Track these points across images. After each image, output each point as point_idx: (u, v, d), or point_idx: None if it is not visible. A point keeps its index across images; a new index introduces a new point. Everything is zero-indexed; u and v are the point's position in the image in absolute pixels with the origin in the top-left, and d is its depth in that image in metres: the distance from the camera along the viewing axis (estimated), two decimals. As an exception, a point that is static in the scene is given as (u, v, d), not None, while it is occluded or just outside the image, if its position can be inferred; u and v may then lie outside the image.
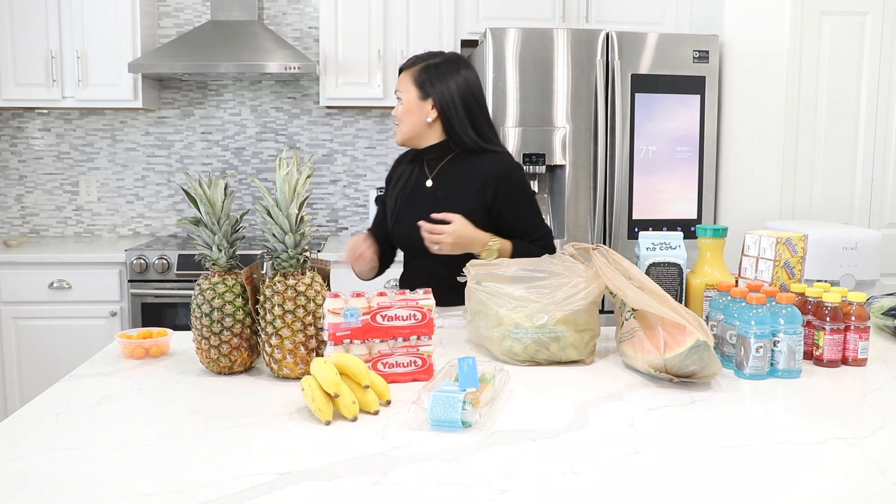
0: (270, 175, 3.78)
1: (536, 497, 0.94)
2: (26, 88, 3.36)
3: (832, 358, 1.52)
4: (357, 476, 1.00)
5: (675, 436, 1.15)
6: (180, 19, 3.71)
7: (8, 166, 3.74)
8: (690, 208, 3.15)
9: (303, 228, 1.43)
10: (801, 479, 1.00)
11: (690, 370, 1.36)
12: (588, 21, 3.43)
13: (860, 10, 3.21)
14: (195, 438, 1.13)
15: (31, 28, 3.34)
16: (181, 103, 3.77)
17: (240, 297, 1.45)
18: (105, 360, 1.56)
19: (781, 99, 3.20)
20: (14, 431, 1.16)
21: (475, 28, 3.41)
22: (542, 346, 1.53)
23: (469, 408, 1.16)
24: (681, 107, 3.10)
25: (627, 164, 3.08)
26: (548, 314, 1.52)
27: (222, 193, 1.46)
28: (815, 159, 3.26)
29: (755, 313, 1.43)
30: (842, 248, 2.60)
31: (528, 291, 1.57)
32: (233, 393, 1.36)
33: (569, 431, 1.16)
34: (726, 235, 1.70)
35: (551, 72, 3.02)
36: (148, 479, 0.99)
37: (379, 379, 1.29)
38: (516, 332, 1.53)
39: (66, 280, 3.17)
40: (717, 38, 3.12)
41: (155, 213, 3.82)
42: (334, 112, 3.80)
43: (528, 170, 3.04)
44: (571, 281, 1.56)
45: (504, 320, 1.54)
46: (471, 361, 1.30)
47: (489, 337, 1.57)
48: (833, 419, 1.23)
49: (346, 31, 3.42)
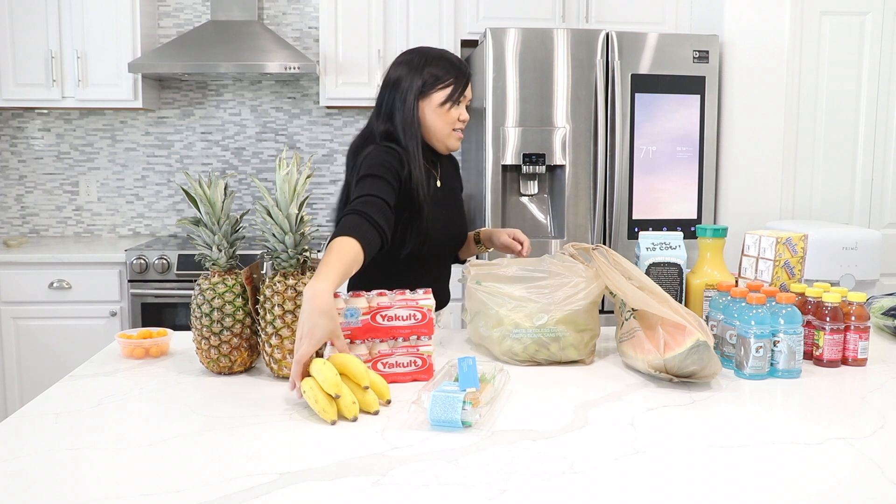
0: (270, 175, 3.78)
1: (536, 497, 0.94)
2: (26, 88, 3.36)
3: (832, 358, 1.52)
4: (357, 476, 1.00)
5: (675, 436, 1.15)
6: (180, 19, 3.71)
7: (8, 166, 3.74)
8: (690, 208, 3.15)
9: (303, 228, 1.43)
10: (800, 479, 1.00)
11: (690, 370, 1.36)
12: (588, 21, 3.43)
13: (860, 10, 3.21)
14: (195, 438, 1.13)
15: (31, 28, 3.34)
16: (181, 103, 3.77)
17: (240, 297, 1.45)
18: (105, 360, 1.56)
19: (781, 99, 3.20)
20: (14, 431, 1.16)
21: (475, 28, 3.41)
22: (542, 346, 1.53)
23: (469, 408, 1.16)
24: (681, 107, 3.10)
25: (627, 164, 3.08)
26: (548, 314, 1.52)
27: (222, 193, 1.46)
28: (815, 159, 3.26)
29: (755, 313, 1.43)
30: (842, 248, 2.60)
31: (528, 291, 1.57)
32: (233, 393, 1.36)
33: (569, 431, 1.16)
34: (726, 235, 1.70)
35: (551, 72, 3.02)
36: (148, 479, 0.99)
37: (379, 378, 1.29)
38: (516, 332, 1.53)
39: (66, 280, 3.17)
40: (717, 38, 3.12)
41: (155, 213, 3.82)
42: (334, 112, 3.80)
43: (528, 170, 3.04)
44: (571, 281, 1.56)
45: (504, 320, 1.54)
46: (471, 361, 1.30)
47: (489, 337, 1.57)
48: (833, 419, 1.23)
49: (345, 31, 3.42)
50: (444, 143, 1.83)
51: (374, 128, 1.81)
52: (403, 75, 1.78)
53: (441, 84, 1.77)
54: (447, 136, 1.82)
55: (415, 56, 1.81)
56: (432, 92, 1.77)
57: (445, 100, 1.77)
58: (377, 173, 1.67)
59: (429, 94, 1.77)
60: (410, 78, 1.77)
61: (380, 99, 1.83)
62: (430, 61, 1.79)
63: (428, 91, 1.77)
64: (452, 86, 1.78)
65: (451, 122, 1.80)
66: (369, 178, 1.66)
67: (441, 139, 1.82)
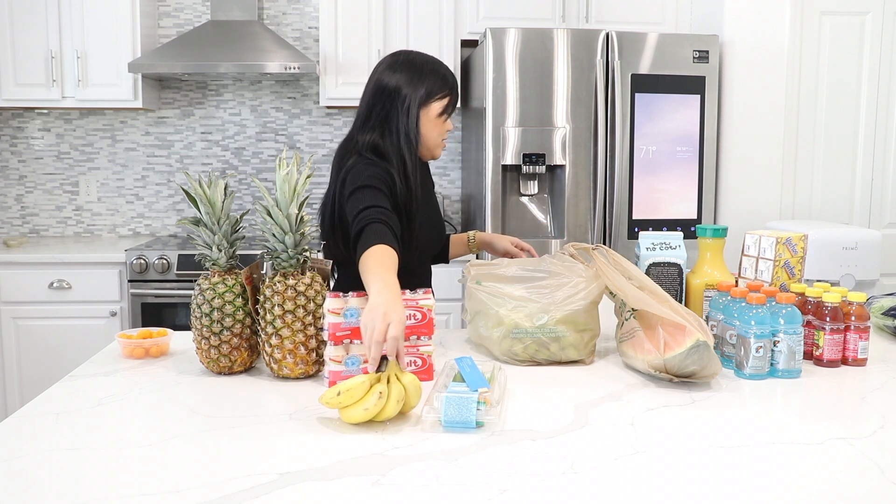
0: (270, 175, 3.78)
1: (536, 497, 0.94)
2: (26, 88, 3.36)
3: (832, 358, 1.52)
4: (357, 476, 1.00)
5: (675, 436, 1.15)
6: (180, 19, 3.71)
7: (8, 166, 3.74)
8: (690, 208, 3.15)
9: (303, 228, 1.43)
10: (800, 479, 1.00)
11: (690, 370, 1.36)
12: (588, 21, 3.43)
13: (860, 10, 3.21)
14: (195, 438, 1.13)
15: (31, 28, 3.34)
16: (181, 103, 3.77)
17: (240, 297, 1.45)
18: (105, 360, 1.56)
19: (781, 99, 3.20)
20: (14, 431, 1.16)
21: (475, 28, 3.41)
22: (543, 346, 1.53)
23: (483, 408, 1.16)
24: (681, 107, 3.10)
25: (627, 164, 3.08)
26: (548, 314, 1.52)
27: (222, 193, 1.46)
28: (815, 159, 3.26)
29: (755, 313, 1.43)
30: (842, 248, 2.60)
31: (529, 291, 1.57)
32: (233, 393, 1.36)
33: (569, 431, 1.16)
34: (726, 235, 1.70)
35: (551, 72, 3.02)
36: (148, 479, 0.99)
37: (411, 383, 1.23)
38: (517, 332, 1.53)
39: (66, 280, 3.17)
40: (717, 38, 3.12)
41: (155, 213, 3.81)
42: (334, 112, 3.80)
43: (528, 170, 3.04)
44: (571, 281, 1.56)
45: (504, 320, 1.54)
46: (470, 361, 1.30)
47: (489, 337, 1.57)
48: (833, 419, 1.23)
49: (346, 31, 3.42)
50: (431, 153, 1.85)
51: (359, 137, 1.77)
52: (403, 84, 1.75)
53: (439, 95, 1.77)
54: (437, 146, 1.84)
55: (405, 65, 1.78)
56: (432, 102, 1.77)
57: (443, 111, 1.79)
58: (375, 185, 1.65)
59: (428, 104, 1.77)
60: (413, 87, 1.75)
61: (370, 105, 1.78)
62: (428, 71, 1.78)
63: (429, 101, 1.77)
64: (449, 97, 1.79)
65: (443, 133, 1.82)
66: (369, 190, 1.64)
67: (430, 148, 1.83)
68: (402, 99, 1.75)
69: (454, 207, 3.88)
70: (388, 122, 1.76)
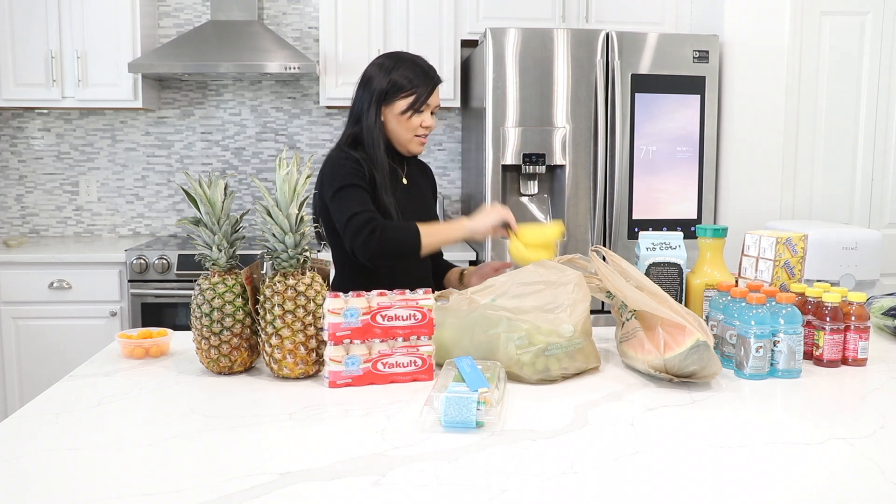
0: (270, 175, 3.78)
1: (536, 497, 0.94)
2: (26, 88, 3.36)
3: (832, 358, 1.52)
4: (357, 476, 1.00)
5: (675, 436, 1.15)
6: (180, 19, 3.71)
7: (8, 166, 3.74)
8: (690, 208, 3.15)
9: (303, 228, 1.43)
10: (800, 479, 1.00)
11: (690, 370, 1.36)
12: (588, 21, 3.43)
13: (860, 10, 3.21)
14: (195, 438, 1.13)
15: (31, 28, 3.34)
16: (181, 103, 3.77)
17: (240, 297, 1.45)
18: (105, 361, 1.56)
19: (781, 99, 3.20)
20: (14, 431, 1.16)
21: (475, 28, 3.41)
22: (571, 359, 1.42)
23: (483, 408, 1.16)
24: (681, 107, 3.10)
25: (627, 164, 3.08)
26: (571, 324, 1.41)
27: (222, 193, 1.46)
28: (815, 159, 3.26)
29: (755, 313, 1.43)
30: (842, 248, 2.60)
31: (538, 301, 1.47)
32: (233, 393, 1.36)
33: (569, 431, 1.16)
34: (726, 235, 1.70)
35: (551, 72, 3.02)
36: (148, 479, 0.99)
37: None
38: (551, 349, 1.40)
39: (66, 280, 3.17)
40: (717, 38, 3.12)
41: (155, 213, 3.82)
42: (334, 112, 3.80)
43: (528, 170, 3.04)
44: (568, 286, 1.51)
45: (534, 338, 1.40)
46: (470, 361, 1.30)
47: (517, 360, 1.40)
48: (833, 419, 1.23)
49: (346, 31, 3.42)
50: (405, 148, 1.91)
51: (346, 130, 1.90)
52: (373, 76, 1.86)
53: (403, 93, 1.84)
54: (409, 142, 1.89)
55: (387, 60, 1.88)
56: (395, 100, 1.84)
57: (407, 108, 1.84)
58: (354, 182, 1.77)
59: (392, 102, 1.84)
60: (378, 82, 1.85)
61: (354, 98, 1.91)
62: (399, 66, 1.85)
63: (391, 99, 1.84)
64: (415, 95, 1.83)
65: (413, 129, 1.87)
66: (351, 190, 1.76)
67: (402, 144, 1.90)
68: (368, 92, 1.86)
69: (454, 207, 3.88)
70: (360, 116, 1.87)
